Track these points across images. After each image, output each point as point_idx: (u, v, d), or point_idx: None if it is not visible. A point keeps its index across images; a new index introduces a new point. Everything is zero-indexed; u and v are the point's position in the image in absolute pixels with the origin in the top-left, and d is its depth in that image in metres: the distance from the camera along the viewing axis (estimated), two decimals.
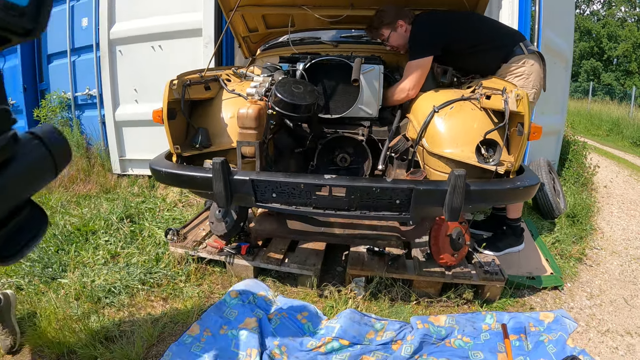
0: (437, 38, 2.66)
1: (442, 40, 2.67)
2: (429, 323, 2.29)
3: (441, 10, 2.91)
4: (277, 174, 2.14)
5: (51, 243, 3.18)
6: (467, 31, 2.74)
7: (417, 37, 2.72)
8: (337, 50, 3.30)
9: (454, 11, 2.94)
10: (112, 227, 3.45)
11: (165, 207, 4.06)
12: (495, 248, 2.96)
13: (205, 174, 2.13)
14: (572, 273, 3.08)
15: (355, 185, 2.04)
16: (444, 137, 2.26)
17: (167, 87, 2.25)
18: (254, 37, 3.75)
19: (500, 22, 3.10)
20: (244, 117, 2.20)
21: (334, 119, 2.69)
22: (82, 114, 5.80)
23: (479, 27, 2.80)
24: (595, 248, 3.61)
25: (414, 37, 2.74)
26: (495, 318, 2.37)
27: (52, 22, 3.84)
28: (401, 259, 2.75)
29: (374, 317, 2.35)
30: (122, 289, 2.62)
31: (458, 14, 2.91)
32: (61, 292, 2.59)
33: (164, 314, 2.44)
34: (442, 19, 2.80)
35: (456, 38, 2.70)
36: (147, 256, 2.98)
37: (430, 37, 2.67)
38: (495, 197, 2.17)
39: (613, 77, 28.60)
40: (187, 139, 2.50)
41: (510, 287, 2.70)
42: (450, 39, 2.68)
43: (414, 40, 2.74)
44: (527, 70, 2.66)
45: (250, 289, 2.58)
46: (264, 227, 2.59)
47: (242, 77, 2.92)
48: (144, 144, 4.94)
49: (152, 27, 4.59)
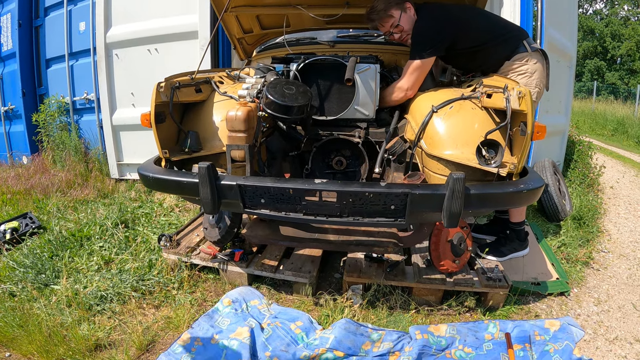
0: (442, 38, 2.54)
1: (447, 40, 2.56)
2: (428, 333, 2.20)
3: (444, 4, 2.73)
4: (266, 179, 2.05)
5: (45, 249, 3.15)
6: (473, 29, 2.61)
7: (422, 35, 2.57)
8: (333, 51, 3.24)
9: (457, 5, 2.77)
10: (107, 232, 3.41)
11: (162, 212, 4.00)
12: (499, 253, 2.87)
13: (191, 179, 2.06)
14: (579, 278, 2.99)
15: (347, 190, 1.95)
16: (443, 138, 2.17)
17: (154, 90, 2.18)
18: (249, 39, 3.69)
19: (504, 19, 2.96)
20: (232, 120, 2.12)
21: (329, 121, 2.61)
22: (81, 118, 5.79)
23: (484, 25, 2.67)
24: (602, 251, 3.51)
25: (418, 34, 2.59)
26: (499, 327, 2.28)
27: (51, 26, 3.81)
28: (400, 266, 2.67)
29: (370, 327, 2.27)
30: (114, 296, 2.58)
31: (462, 9, 2.75)
32: (53, 299, 2.55)
33: (155, 322, 2.40)
34: (448, 16, 2.62)
35: (461, 37, 2.58)
36: (140, 262, 2.92)
37: (435, 36, 2.54)
38: (497, 202, 2.06)
39: (617, 76, 28.37)
40: (178, 143, 2.43)
41: (515, 293, 2.61)
42: (456, 37, 2.57)
43: (418, 37, 2.58)
44: (530, 68, 2.58)
45: (244, 297, 2.50)
46: (256, 233, 2.51)
47: (235, 79, 2.85)
48: (142, 148, 4.90)
49: (148, 30, 4.57)
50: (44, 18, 5.93)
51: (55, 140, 5.70)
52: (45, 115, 5.74)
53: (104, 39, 4.78)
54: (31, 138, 6.15)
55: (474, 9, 2.84)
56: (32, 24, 6.10)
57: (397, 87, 2.58)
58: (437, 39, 2.54)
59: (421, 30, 2.58)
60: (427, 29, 2.57)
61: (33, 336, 2.17)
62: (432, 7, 2.67)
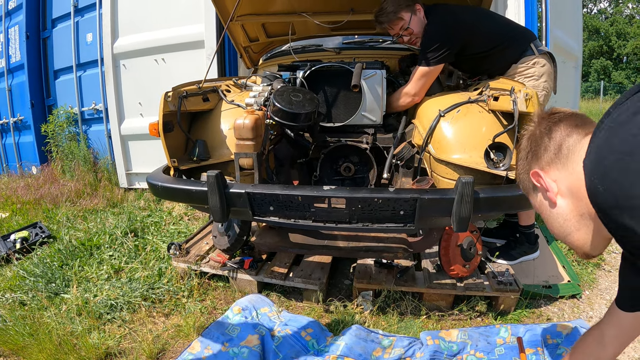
0: (452, 45, 2.49)
1: (456, 47, 2.52)
2: (439, 339, 2.18)
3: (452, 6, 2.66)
4: (274, 186, 2.06)
5: (55, 258, 3.17)
6: (481, 33, 2.57)
7: (431, 40, 2.51)
8: (339, 57, 3.24)
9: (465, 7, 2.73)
10: (116, 241, 3.42)
11: (171, 221, 4.02)
12: (509, 257, 2.84)
13: (200, 188, 2.07)
14: (591, 280, 2.96)
15: (356, 197, 1.94)
16: (451, 142, 2.16)
17: (162, 99, 2.20)
18: (255, 47, 3.71)
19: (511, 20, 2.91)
20: (240, 128, 2.13)
21: (336, 127, 2.61)
22: (89, 128, 5.85)
23: (491, 28, 2.62)
24: (613, 252, 3.47)
25: (427, 39, 2.53)
26: (510, 331, 2.25)
27: (58, 38, 3.87)
28: (410, 271, 2.65)
29: (381, 333, 2.25)
30: (124, 305, 2.58)
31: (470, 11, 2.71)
32: (63, 308, 2.57)
33: (165, 331, 2.40)
34: (457, 20, 2.58)
35: (470, 42, 2.55)
36: (150, 271, 2.93)
37: (445, 42, 2.48)
38: (506, 205, 2.05)
39: (624, 75, 28.22)
40: (187, 152, 2.45)
41: (526, 297, 2.58)
42: (465, 43, 2.54)
43: (427, 43, 2.52)
44: (538, 71, 2.55)
45: (254, 305, 2.50)
46: (266, 241, 2.51)
47: (242, 88, 2.87)
48: (151, 157, 4.93)
49: (154, 40, 4.61)
50: (52, 30, 6.01)
51: (64, 151, 5.76)
52: (54, 125, 5.81)
53: (111, 50, 4.83)
54: (40, 148, 6.23)
55: (481, 11, 2.81)
56: (40, 36, 6.20)
57: (404, 92, 2.58)
58: (447, 45, 2.48)
59: (431, 35, 2.52)
60: (437, 34, 2.51)
61: (43, 345, 2.17)
62: (442, 10, 2.62)
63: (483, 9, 2.87)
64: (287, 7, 3.16)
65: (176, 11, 4.49)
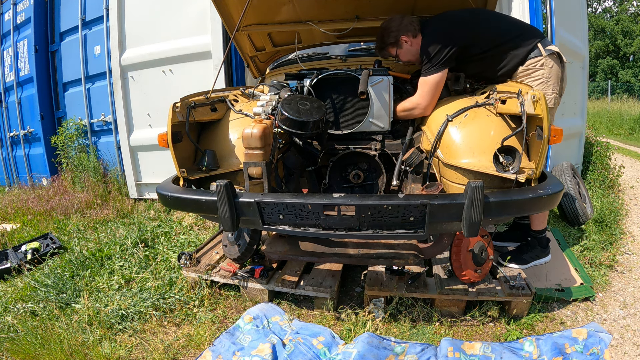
0: (450, 50, 2.50)
1: (455, 50, 2.51)
2: (460, 351, 2.13)
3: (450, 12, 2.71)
4: (284, 195, 2.06)
5: (66, 269, 3.19)
6: (484, 32, 2.57)
7: (429, 50, 2.53)
8: (345, 65, 3.26)
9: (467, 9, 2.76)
10: (127, 251, 3.44)
11: (181, 231, 4.04)
12: (521, 261, 2.81)
13: (210, 197, 2.08)
14: (603, 282, 2.92)
15: (365, 204, 1.94)
16: (460, 146, 2.16)
17: (170, 110, 2.22)
18: (262, 56, 3.74)
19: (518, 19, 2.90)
20: (249, 137, 2.14)
21: (344, 135, 2.62)
22: (99, 140, 5.91)
23: (496, 26, 2.62)
24: (626, 253, 3.43)
25: (425, 50, 2.56)
26: (535, 344, 2.19)
27: (67, 51, 3.93)
28: (422, 277, 2.64)
29: (393, 340, 2.24)
30: (135, 315, 2.60)
31: (472, 13, 2.73)
32: (74, 318, 2.58)
33: (176, 340, 2.41)
34: (453, 23, 2.61)
35: (471, 41, 2.55)
36: (160, 281, 2.94)
37: (443, 48, 2.49)
38: (517, 208, 2.02)
39: (631, 74, 27.96)
40: (196, 162, 2.46)
41: (539, 301, 2.56)
42: (465, 43, 2.53)
43: (426, 53, 2.55)
44: (546, 73, 2.52)
45: (265, 313, 2.50)
46: (276, 250, 2.51)
47: (250, 97, 2.89)
48: (160, 168, 4.97)
49: (162, 51, 4.66)
50: (60, 43, 6.10)
51: (74, 162, 5.82)
52: (63, 137, 5.88)
53: (119, 62, 4.88)
54: (50, 160, 6.30)
55: (482, 12, 2.81)
56: (49, 49, 6.29)
57: (413, 103, 2.55)
58: (444, 52, 2.49)
59: (428, 46, 2.55)
60: (433, 43, 2.53)
61: (55, 355, 2.19)
62: (435, 20, 2.66)
63: (486, 10, 2.87)
64: (292, 16, 3.18)
65: (183, 22, 4.53)
